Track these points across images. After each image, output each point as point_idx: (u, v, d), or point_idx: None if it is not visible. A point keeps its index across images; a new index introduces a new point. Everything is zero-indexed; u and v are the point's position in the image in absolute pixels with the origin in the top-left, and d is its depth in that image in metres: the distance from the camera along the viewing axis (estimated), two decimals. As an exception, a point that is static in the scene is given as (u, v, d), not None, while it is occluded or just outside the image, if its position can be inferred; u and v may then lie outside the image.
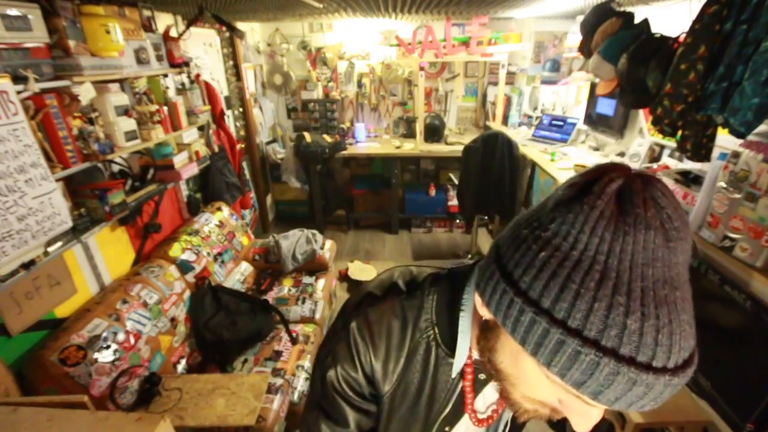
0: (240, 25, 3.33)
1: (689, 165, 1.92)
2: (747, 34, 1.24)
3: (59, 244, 1.46)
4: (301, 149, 3.74)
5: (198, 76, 2.54)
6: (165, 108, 2.03)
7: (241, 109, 3.61)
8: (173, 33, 2.28)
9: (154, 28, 2.10)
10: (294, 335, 2.20)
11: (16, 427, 1.05)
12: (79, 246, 1.68)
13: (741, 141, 1.43)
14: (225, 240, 2.61)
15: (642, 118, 2.38)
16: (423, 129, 4.00)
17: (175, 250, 2.20)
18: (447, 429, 0.63)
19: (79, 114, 1.55)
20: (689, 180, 1.83)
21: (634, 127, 2.51)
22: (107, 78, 1.66)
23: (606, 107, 2.75)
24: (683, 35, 1.47)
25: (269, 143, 4.14)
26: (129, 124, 1.75)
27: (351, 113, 4.41)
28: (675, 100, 1.47)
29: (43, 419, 1.07)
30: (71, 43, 1.45)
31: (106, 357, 1.55)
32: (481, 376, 0.60)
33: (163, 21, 2.40)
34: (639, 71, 1.68)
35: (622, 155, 2.55)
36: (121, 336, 1.64)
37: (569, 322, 0.37)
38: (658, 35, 1.73)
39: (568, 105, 3.46)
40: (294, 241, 2.79)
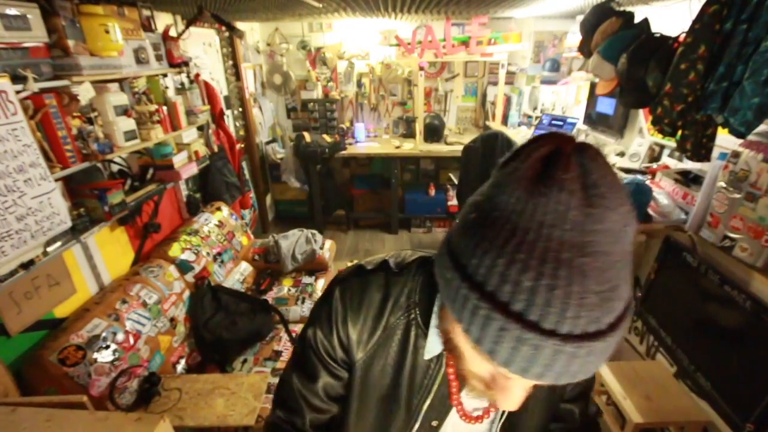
0: (239, 25, 3.33)
1: (689, 165, 1.92)
2: (747, 33, 1.24)
3: (58, 244, 1.46)
4: (301, 149, 3.73)
5: (197, 75, 2.54)
6: (164, 108, 2.02)
7: (241, 109, 3.60)
8: (173, 33, 2.28)
9: (153, 27, 2.10)
10: (294, 335, 2.20)
11: (15, 427, 1.05)
12: (79, 246, 1.68)
13: (741, 141, 1.43)
14: (224, 240, 2.60)
15: (642, 117, 2.37)
16: (423, 129, 4.00)
17: (175, 250, 2.19)
18: (435, 423, 0.62)
19: (79, 114, 1.55)
20: (689, 180, 1.84)
21: (633, 127, 2.51)
22: (106, 78, 1.66)
23: (606, 107, 2.75)
24: (683, 35, 1.47)
25: (269, 143, 4.14)
26: (128, 123, 1.74)
27: (350, 113, 4.41)
28: (675, 99, 1.47)
29: (42, 419, 1.06)
30: (70, 43, 1.45)
31: (105, 357, 1.55)
32: None
33: (163, 20, 2.40)
34: (639, 71, 1.68)
35: (622, 155, 2.55)
36: (121, 336, 1.64)
37: (476, 277, 0.38)
38: (658, 35, 1.73)
39: (567, 105, 3.46)
40: (294, 241, 2.79)
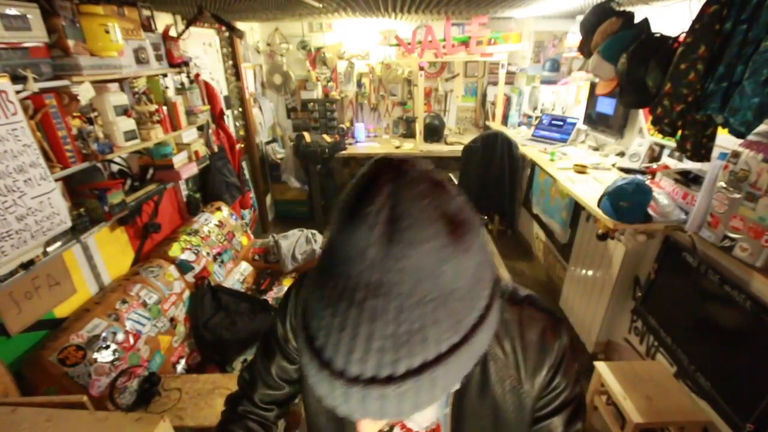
0: (239, 25, 3.33)
1: (689, 165, 1.92)
2: (747, 33, 1.24)
3: (58, 244, 1.46)
4: (301, 149, 3.73)
5: (197, 75, 2.54)
6: (164, 108, 2.02)
7: (241, 109, 3.60)
8: (173, 33, 2.28)
9: (153, 27, 2.10)
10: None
11: (15, 427, 1.05)
12: (79, 246, 1.67)
13: (741, 141, 1.43)
14: (224, 240, 2.60)
15: (642, 117, 2.37)
16: (423, 129, 4.00)
17: (175, 250, 2.19)
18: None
19: (79, 114, 1.55)
20: (689, 180, 1.83)
21: (633, 127, 2.50)
22: (106, 78, 1.65)
23: (606, 107, 2.75)
24: (683, 35, 1.47)
25: (269, 143, 4.14)
26: (128, 123, 1.74)
27: (350, 113, 4.41)
28: (675, 99, 1.46)
29: (42, 419, 1.06)
30: (70, 43, 1.45)
31: (105, 357, 1.55)
32: None
33: (163, 21, 2.39)
34: (639, 71, 1.67)
35: (621, 155, 2.55)
36: (121, 336, 1.64)
37: (305, 309, 0.39)
38: (658, 35, 1.73)
39: (567, 105, 3.46)
40: (293, 241, 2.79)
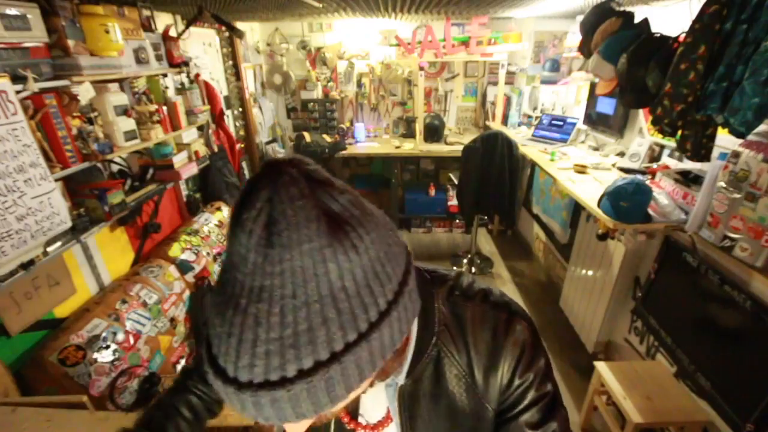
0: (239, 25, 3.33)
1: (689, 165, 1.92)
2: (747, 33, 1.24)
3: (58, 244, 1.46)
4: (301, 149, 3.74)
5: (197, 75, 2.54)
6: (164, 108, 2.02)
7: (241, 109, 3.60)
8: (173, 33, 2.28)
9: (153, 27, 2.10)
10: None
11: (15, 427, 1.05)
12: (79, 246, 1.67)
13: (741, 141, 1.43)
14: (225, 240, 2.60)
15: (642, 117, 2.37)
16: (423, 129, 4.00)
17: (175, 250, 2.19)
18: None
19: (79, 114, 1.55)
20: (689, 180, 1.83)
21: (633, 127, 2.50)
22: (106, 78, 1.65)
23: (606, 107, 2.75)
24: (683, 35, 1.47)
25: (269, 143, 4.13)
26: (128, 123, 1.74)
27: (350, 113, 4.41)
28: (675, 99, 1.46)
29: (43, 419, 1.07)
30: (70, 43, 1.45)
31: (105, 357, 1.55)
32: None
33: (163, 21, 2.39)
34: (639, 71, 1.68)
35: (621, 155, 2.55)
36: (121, 336, 1.64)
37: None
38: (657, 35, 1.73)
39: (567, 105, 3.45)
40: (294, 241, 2.79)
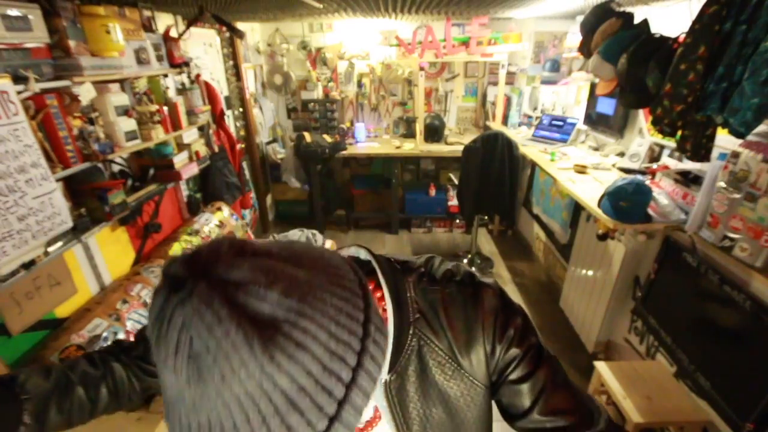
0: (240, 25, 3.33)
1: (689, 165, 1.92)
2: (746, 34, 1.24)
3: (59, 244, 1.46)
4: (301, 149, 3.74)
5: (198, 76, 2.54)
6: (165, 108, 2.03)
7: (241, 109, 3.61)
8: (173, 33, 2.28)
9: (154, 28, 2.11)
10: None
11: (16, 427, 1.05)
12: (80, 246, 1.68)
13: (740, 141, 1.43)
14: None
15: (642, 118, 2.37)
16: (423, 129, 4.00)
17: (176, 250, 2.20)
18: None
19: (80, 114, 1.55)
20: (689, 180, 1.84)
21: (633, 127, 2.51)
22: (107, 78, 1.66)
23: (606, 107, 2.75)
24: (683, 35, 1.47)
25: (269, 143, 4.14)
26: (129, 124, 1.75)
27: (351, 113, 4.41)
28: (675, 100, 1.47)
29: (44, 419, 1.06)
30: (71, 44, 1.46)
31: (106, 357, 1.55)
32: None
33: (163, 21, 2.40)
34: (639, 71, 1.68)
35: (621, 155, 2.55)
36: (122, 336, 1.64)
37: None
38: (657, 35, 1.73)
39: (567, 105, 3.46)
40: (294, 241, 2.79)
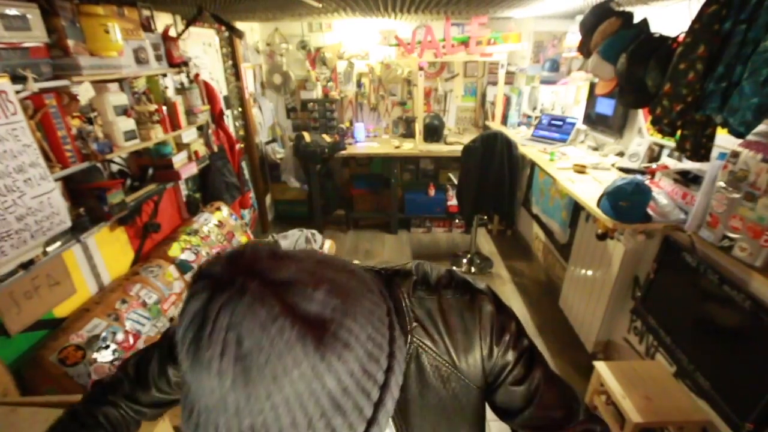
0: (239, 25, 3.33)
1: (688, 165, 1.92)
2: (746, 33, 1.24)
3: (58, 243, 1.46)
4: (301, 149, 3.73)
5: (197, 75, 2.54)
6: (164, 108, 2.02)
7: (241, 109, 3.60)
8: (172, 33, 2.28)
9: (153, 27, 2.10)
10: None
11: (15, 427, 1.05)
12: (78, 246, 1.67)
13: (740, 141, 1.43)
14: (224, 240, 2.60)
15: (641, 117, 2.38)
16: (422, 129, 4.00)
17: (175, 249, 2.19)
18: None
19: (78, 114, 1.55)
20: (688, 180, 1.84)
21: (633, 127, 2.51)
22: (106, 78, 1.65)
23: (605, 107, 2.75)
24: (682, 35, 1.47)
25: (268, 143, 4.14)
26: (128, 123, 1.74)
27: (350, 113, 4.41)
28: (674, 99, 1.47)
29: (42, 419, 1.06)
30: (70, 43, 1.45)
31: (105, 357, 1.55)
32: None
33: (162, 21, 2.39)
34: (638, 71, 1.68)
35: (621, 155, 2.55)
36: (120, 336, 1.64)
37: None
38: (657, 35, 1.73)
39: (567, 105, 3.46)
40: (293, 241, 2.79)
